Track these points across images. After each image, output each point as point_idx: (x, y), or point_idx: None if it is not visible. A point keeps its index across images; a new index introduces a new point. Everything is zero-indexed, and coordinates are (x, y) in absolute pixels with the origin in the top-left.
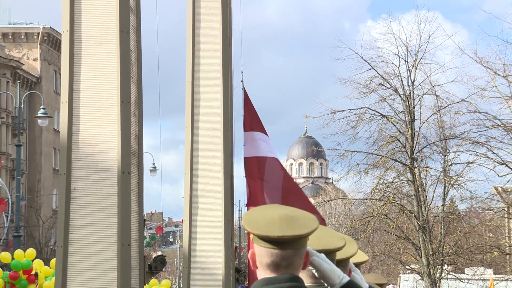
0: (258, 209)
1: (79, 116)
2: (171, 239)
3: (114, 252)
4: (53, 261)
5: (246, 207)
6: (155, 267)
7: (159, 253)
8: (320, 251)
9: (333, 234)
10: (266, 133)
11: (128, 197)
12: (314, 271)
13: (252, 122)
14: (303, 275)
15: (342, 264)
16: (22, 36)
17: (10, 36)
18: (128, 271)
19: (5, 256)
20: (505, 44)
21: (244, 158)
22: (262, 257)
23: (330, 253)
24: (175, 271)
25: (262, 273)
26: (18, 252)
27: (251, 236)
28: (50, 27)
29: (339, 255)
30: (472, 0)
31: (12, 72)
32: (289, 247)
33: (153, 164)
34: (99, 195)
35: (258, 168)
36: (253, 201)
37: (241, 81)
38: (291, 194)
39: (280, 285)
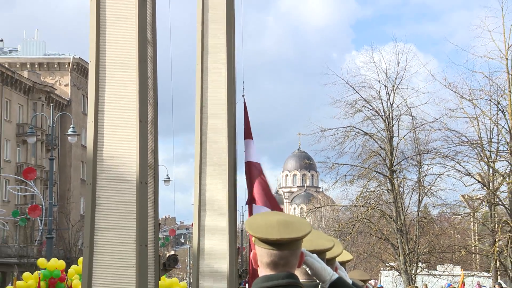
0: (259, 215)
1: (103, 134)
2: (182, 240)
3: (133, 252)
4: (80, 259)
5: (247, 205)
6: (168, 265)
7: (172, 252)
8: (312, 252)
9: (323, 237)
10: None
11: (145, 204)
12: (307, 269)
13: (248, 131)
14: (298, 273)
15: (330, 262)
16: (55, 65)
17: (45, 65)
18: (145, 268)
19: (42, 262)
20: (470, 72)
21: (245, 161)
22: (262, 257)
23: (321, 253)
24: (186, 268)
25: (263, 271)
26: (52, 261)
27: (253, 238)
28: (79, 57)
29: (328, 255)
30: (441, 33)
31: (46, 96)
32: (286, 248)
33: (167, 175)
34: (120, 202)
35: (254, 170)
36: (253, 199)
37: (243, 96)
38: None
39: (278, 281)
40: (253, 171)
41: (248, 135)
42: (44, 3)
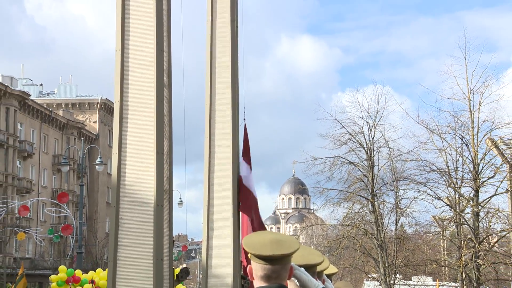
0: (254, 234)
1: (126, 164)
2: (193, 254)
3: (151, 265)
4: (105, 272)
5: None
6: (181, 276)
7: (184, 265)
8: (303, 266)
9: (314, 252)
10: (250, 165)
11: (161, 223)
12: (296, 281)
13: (245, 152)
14: (288, 284)
15: (318, 275)
16: (86, 105)
17: (77, 105)
18: (161, 279)
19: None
20: (439, 111)
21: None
22: (257, 270)
23: (311, 267)
24: (196, 279)
25: (257, 283)
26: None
27: (249, 255)
28: (106, 98)
29: (317, 269)
30: (414, 78)
31: (78, 131)
32: (277, 263)
33: (180, 198)
34: (140, 222)
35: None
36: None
37: (244, 119)
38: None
39: None
40: (241, 185)
41: (245, 153)
42: (77, 51)
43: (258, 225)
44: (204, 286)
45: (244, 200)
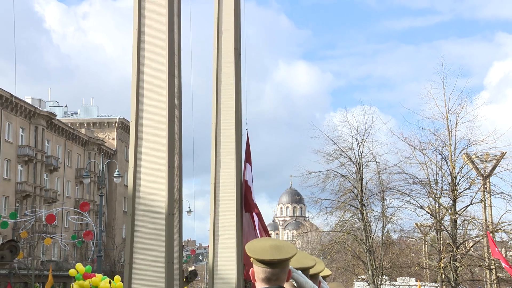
0: (256, 241)
1: (141, 177)
2: (200, 258)
3: (163, 268)
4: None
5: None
6: (190, 278)
7: (193, 268)
8: (299, 269)
9: (308, 257)
10: (250, 164)
11: (172, 230)
12: (294, 283)
13: (247, 158)
14: (287, 286)
15: (314, 277)
16: (105, 124)
17: (97, 124)
18: (172, 280)
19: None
20: (420, 129)
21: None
22: (258, 273)
23: (305, 270)
24: (204, 280)
25: (259, 285)
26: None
27: (251, 259)
28: (123, 118)
29: (312, 271)
30: (398, 99)
31: (98, 147)
32: (277, 267)
33: (189, 207)
34: (153, 229)
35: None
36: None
37: (246, 129)
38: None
39: None
40: (246, 187)
41: (247, 159)
42: (97, 76)
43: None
44: (211, 286)
45: (251, 199)
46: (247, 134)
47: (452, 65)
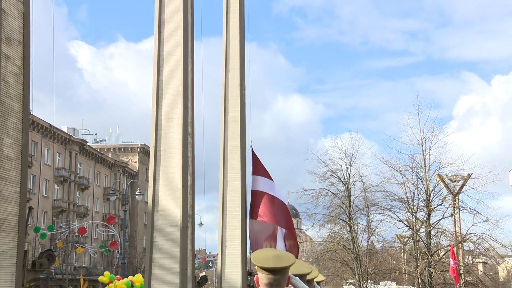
0: (260, 251)
1: (159, 195)
2: (210, 265)
3: (177, 274)
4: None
5: (249, 216)
6: (201, 282)
7: (204, 273)
8: (297, 275)
9: (304, 265)
10: (271, 179)
11: (185, 241)
12: (292, 287)
13: (258, 169)
14: None
15: (310, 282)
16: (129, 149)
17: (122, 149)
18: (186, 285)
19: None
20: (399, 153)
21: (252, 190)
22: (262, 279)
23: (302, 276)
24: (213, 284)
25: None
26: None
27: (256, 267)
28: (144, 144)
29: (308, 277)
30: (380, 127)
31: (122, 169)
32: (278, 274)
33: (200, 221)
34: (169, 240)
35: (262, 196)
36: (254, 213)
37: (251, 146)
38: (287, 220)
39: None
40: (257, 196)
41: (255, 171)
42: (122, 108)
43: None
44: None
45: (271, 208)
46: (253, 150)
47: (425, 99)
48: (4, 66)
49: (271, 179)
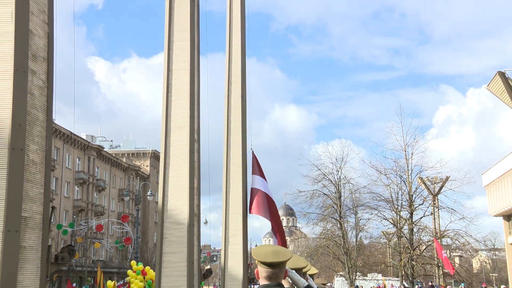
0: (260, 247)
1: (168, 195)
2: (215, 259)
3: (185, 267)
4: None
5: (248, 211)
6: (206, 274)
7: (208, 266)
8: (293, 269)
9: (300, 259)
10: (265, 178)
11: (192, 237)
12: (289, 280)
13: (256, 170)
14: (284, 282)
15: (304, 275)
16: (141, 154)
17: (135, 155)
18: (192, 276)
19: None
20: (384, 158)
21: (252, 188)
22: (262, 272)
23: (298, 270)
24: (217, 276)
25: (262, 281)
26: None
27: (256, 261)
28: (155, 150)
29: (303, 270)
30: (367, 134)
31: (135, 172)
32: (276, 268)
33: (205, 219)
34: (177, 236)
35: (256, 193)
36: (255, 209)
37: (251, 149)
38: (273, 214)
39: None
40: (254, 192)
41: (254, 171)
42: (135, 117)
43: (277, 224)
44: (223, 281)
45: (262, 203)
46: (253, 152)
47: (407, 109)
48: (30, 80)
49: (265, 179)
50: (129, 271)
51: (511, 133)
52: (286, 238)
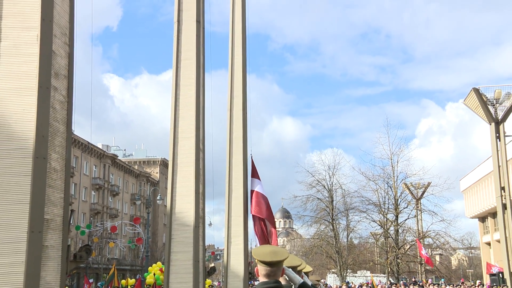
0: (260, 247)
1: (176, 200)
2: (218, 257)
3: (191, 265)
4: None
5: (250, 213)
6: (210, 272)
7: (213, 264)
8: (289, 267)
9: (296, 258)
10: (259, 179)
11: (197, 238)
12: (286, 277)
13: (253, 173)
14: (281, 280)
15: (298, 273)
16: (151, 162)
17: (146, 162)
18: (198, 274)
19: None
20: (373, 166)
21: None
22: (261, 270)
23: (294, 268)
24: (220, 273)
25: (261, 279)
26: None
27: (256, 260)
28: (164, 158)
29: (298, 268)
30: (357, 144)
31: (146, 179)
32: (274, 266)
33: (210, 221)
34: (184, 237)
35: (255, 194)
36: (255, 208)
37: (251, 155)
38: (264, 208)
39: (270, 285)
40: (252, 195)
41: (254, 175)
42: (146, 128)
43: (269, 218)
44: (226, 278)
45: (260, 203)
46: (252, 158)
47: (393, 121)
48: (52, 96)
49: (259, 179)
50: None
51: (486, 143)
52: (283, 238)
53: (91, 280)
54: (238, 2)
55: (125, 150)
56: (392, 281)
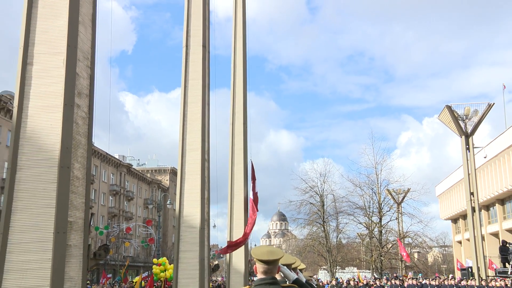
0: (258, 247)
1: (184, 204)
2: (222, 256)
3: (197, 262)
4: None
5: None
6: (215, 269)
7: (216, 262)
8: (284, 265)
9: (290, 257)
10: (255, 179)
11: (203, 238)
12: (282, 274)
13: (253, 176)
14: (277, 276)
15: (294, 270)
16: (162, 171)
17: (157, 171)
18: (203, 270)
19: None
20: (359, 174)
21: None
22: (259, 268)
23: (288, 265)
24: (223, 270)
25: (259, 275)
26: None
27: (254, 259)
28: (173, 167)
29: (293, 266)
30: (345, 154)
31: (157, 185)
32: (271, 264)
33: (214, 224)
34: (191, 237)
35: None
36: (255, 207)
37: (251, 160)
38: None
39: (267, 281)
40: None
41: (252, 177)
42: (157, 140)
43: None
44: (228, 274)
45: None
46: (252, 163)
47: (377, 133)
48: (75, 112)
49: (255, 179)
50: (154, 267)
51: (457, 153)
52: (279, 239)
53: (109, 275)
54: (239, 29)
55: (138, 160)
56: (376, 276)
